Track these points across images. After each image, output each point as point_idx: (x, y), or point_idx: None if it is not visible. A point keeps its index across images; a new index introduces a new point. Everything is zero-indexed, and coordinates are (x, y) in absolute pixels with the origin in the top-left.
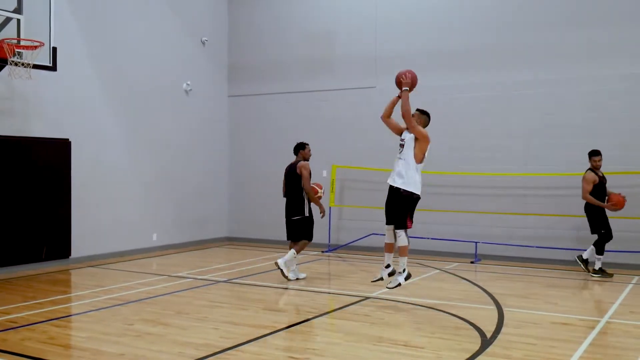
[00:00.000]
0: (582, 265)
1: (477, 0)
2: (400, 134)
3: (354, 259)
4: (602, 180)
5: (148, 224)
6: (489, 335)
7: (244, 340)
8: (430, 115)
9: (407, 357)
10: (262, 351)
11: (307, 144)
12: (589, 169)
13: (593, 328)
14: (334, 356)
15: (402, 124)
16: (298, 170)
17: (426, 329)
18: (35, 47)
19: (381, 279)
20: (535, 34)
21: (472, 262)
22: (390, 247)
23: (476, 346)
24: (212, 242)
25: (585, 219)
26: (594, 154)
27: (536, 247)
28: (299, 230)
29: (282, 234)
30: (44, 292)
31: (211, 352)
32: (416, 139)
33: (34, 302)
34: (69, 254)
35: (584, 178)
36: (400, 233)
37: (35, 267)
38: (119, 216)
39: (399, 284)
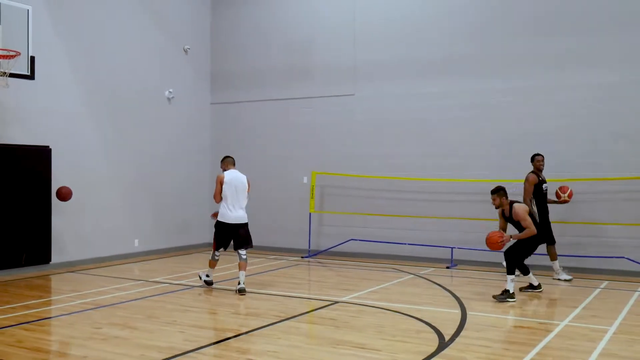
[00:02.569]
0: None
1: (454, 10)
2: None
3: (333, 264)
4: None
5: (129, 230)
6: (447, 338)
7: (207, 343)
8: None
9: (361, 359)
10: (223, 354)
11: (537, 155)
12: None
13: (551, 331)
14: (291, 359)
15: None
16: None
17: (387, 332)
18: (12, 56)
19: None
20: (511, 43)
21: (447, 267)
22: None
23: (432, 349)
24: (193, 248)
25: (560, 224)
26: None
27: None
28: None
29: (263, 239)
30: (19, 297)
31: (172, 355)
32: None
33: (8, 306)
34: (49, 260)
35: None
36: None
37: (15, 272)
38: (100, 222)
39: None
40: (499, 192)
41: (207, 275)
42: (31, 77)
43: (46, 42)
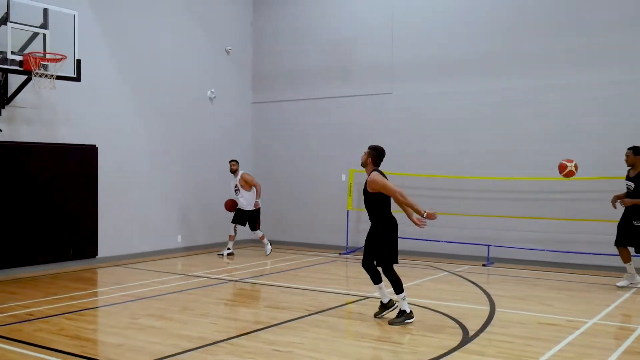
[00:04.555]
0: None
1: (491, 7)
2: None
3: None
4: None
5: (173, 225)
6: (472, 333)
7: (236, 334)
8: None
9: (382, 352)
10: (250, 344)
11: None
12: None
13: (577, 329)
14: (315, 350)
15: None
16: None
17: (412, 327)
18: (59, 60)
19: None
20: (549, 41)
21: (484, 265)
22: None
23: (455, 343)
24: (236, 244)
25: (598, 222)
26: None
27: (547, 250)
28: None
29: (301, 236)
30: (65, 289)
31: (202, 344)
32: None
33: (54, 297)
34: (96, 254)
35: None
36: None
37: (64, 266)
38: (144, 218)
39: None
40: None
41: (228, 248)
42: (77, 79)
43: (91, 45)
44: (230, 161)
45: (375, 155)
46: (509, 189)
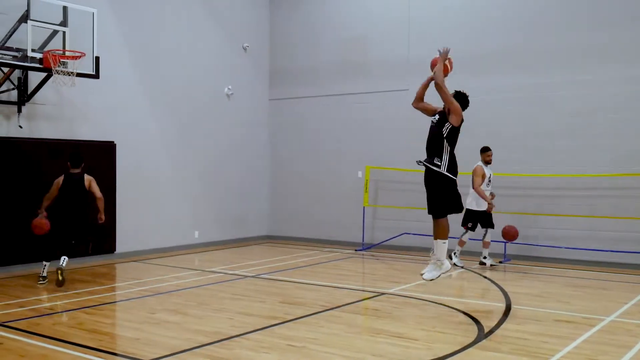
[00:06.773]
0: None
1: (508, 3)
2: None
3: (386, 257)
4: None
5: (190, 222)
6: (487, 330)
7: (252, 329)
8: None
9: (397, 347)
10: (265, 339)
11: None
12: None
13: (594, 326)
14: (330, 345)
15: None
16: None
17: (428, 323)
18: (78, 57)
19: None
20: (565, 36)
21: (500, 262)
22: None
23: (470, 340)
24: (252, 240)
25: (617, 219)
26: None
27: (564, 247)
28: None
29: (318, 232)
30: (84, 284)
31: (217, 339)
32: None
33: (73, 292)
34: (114, 250)
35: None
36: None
37: (82, 261)
38: (161, 214)
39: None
40: None
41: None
42: (96, 76)
43: (110, 43)
44: (488, 150)
45: None
46: (526, 186)
